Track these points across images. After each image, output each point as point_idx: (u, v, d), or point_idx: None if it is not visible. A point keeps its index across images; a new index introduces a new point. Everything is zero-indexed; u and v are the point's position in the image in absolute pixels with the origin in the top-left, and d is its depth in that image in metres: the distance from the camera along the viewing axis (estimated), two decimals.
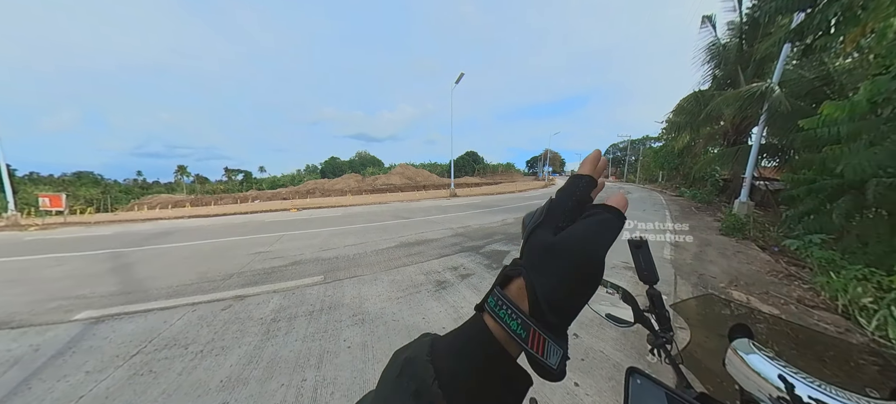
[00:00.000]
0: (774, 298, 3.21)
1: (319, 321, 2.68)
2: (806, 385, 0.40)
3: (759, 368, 0.45)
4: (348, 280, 3.76)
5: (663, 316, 0.67)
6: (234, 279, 3.88)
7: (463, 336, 0.23)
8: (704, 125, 12.97)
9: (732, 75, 11.24)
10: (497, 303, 0.22)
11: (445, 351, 0.22)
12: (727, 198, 11.24)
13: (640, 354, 2.08)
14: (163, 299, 3.27)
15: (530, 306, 0.21)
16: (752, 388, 0.45)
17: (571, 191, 0.26)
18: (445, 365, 0.21)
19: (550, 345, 0.21)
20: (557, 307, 0.21)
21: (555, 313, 0.21)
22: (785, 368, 0.43)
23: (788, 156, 9.22)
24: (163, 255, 5.42)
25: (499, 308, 0.22)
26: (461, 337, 0.23)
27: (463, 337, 0.23)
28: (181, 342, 2.38)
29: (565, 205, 0.25)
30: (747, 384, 0.46)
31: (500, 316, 0.22)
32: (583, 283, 0.22)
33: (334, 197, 22.93)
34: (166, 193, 50.88)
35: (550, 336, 0.21)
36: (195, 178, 76.19)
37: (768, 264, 4.39)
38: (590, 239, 0.22)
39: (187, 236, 7.48)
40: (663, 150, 22.70)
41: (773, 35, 9.05)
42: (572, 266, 0.21)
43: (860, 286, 2.92)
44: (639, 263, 0.69)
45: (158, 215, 13.53)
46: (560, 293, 0.21)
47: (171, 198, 24.76)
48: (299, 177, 71.79)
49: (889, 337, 2.29)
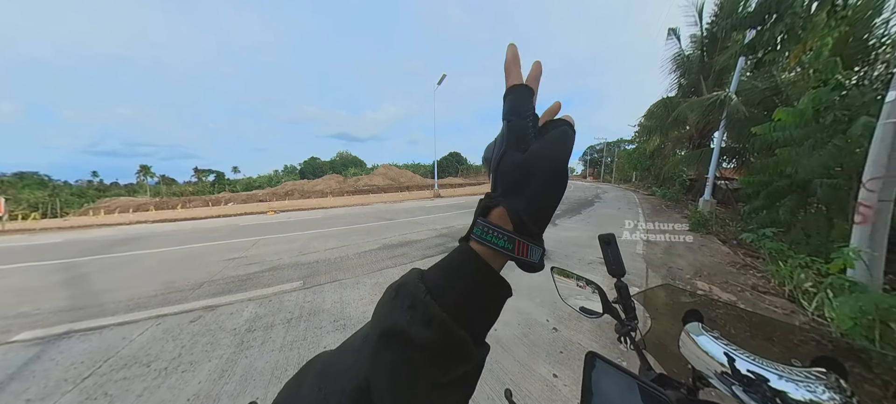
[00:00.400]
0: (732, 286, 3.51)
1: (298, 328, 2.59)
2: (744, 360, 0.45)
3: (707, 348, 0.50)
4: (329, 284, 3.65)
5: (629, 306, 0.72)
6: (204, 288, 3.65)
7: (451, 260, 0.26)
8: (672, 129, 13.88)
9: (696, 84, 12.12)
10: (483, 230, 0.25)
11: (434, 273, 0.25)
12: (693, 196, 12.06)
13: (614, 344, 2.19)
14: (122, 313, 3.00)
15: (514, 225, 0.25)
16: (701, 366, 0.50)
17: (523, 112, 0.27)
18: (435, 282, 0.24)
19: (532, 248, 0.25)
20: (536, 218, 0.25)
21: (535, 224, 0.25)
22: (728, 346, 0.48)
23: (745, 159, 10.07)
24: (122, 265, 5.00)
25: (486, 233, 0.25)
26: (449, 261, 0.26)
27: (451, 261, 0.26)
28: (142, 359, 2.19)
29: (523, 127, 0.27)
30: (698, 363, 0.51)
31: (488, 240, 0.25)
32: (554, 193, 0.25)
33: (314, 198, 22.20)
34: (127, 196, 46.97)
35: (532, 241, 0.25)
36: (160, 179, 70.84)
37: (728, 256, 4.76)
38: (556, 154, 0.25)
39: (151, 243, 6.95)
40: (636, 152, 24.02)
41: (730, 49, 9.89)
42: (545, 181, 0.25)
43: (803, 273, 3.24)
44: (608, 258, 0.73)
45: (118, 220, 12.45)
46: (537, 205, 0.25)
47: (132, 201, 22.76)
48: (277, 178, 68.86)
49: (826, 316, 2.56)
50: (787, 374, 0.41)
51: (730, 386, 0.45)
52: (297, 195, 26.09)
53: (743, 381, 0.44)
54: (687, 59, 12.81)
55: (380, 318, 0.24)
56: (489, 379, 1.89)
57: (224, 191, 53.67)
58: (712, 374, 0.48)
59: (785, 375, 0.41)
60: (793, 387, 0.40)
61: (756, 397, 0.42)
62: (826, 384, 0.39)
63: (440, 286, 0.24)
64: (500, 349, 2.21)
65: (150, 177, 69.84)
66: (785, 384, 0.40)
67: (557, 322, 2.58)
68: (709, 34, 11.29)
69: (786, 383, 0.40)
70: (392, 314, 0.24)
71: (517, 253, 0.24)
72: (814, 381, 0.40)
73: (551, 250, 5.12)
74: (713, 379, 0.48)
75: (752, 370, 0.43)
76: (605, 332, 2.33)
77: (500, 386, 1.81)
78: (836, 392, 0.38)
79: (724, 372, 0.46)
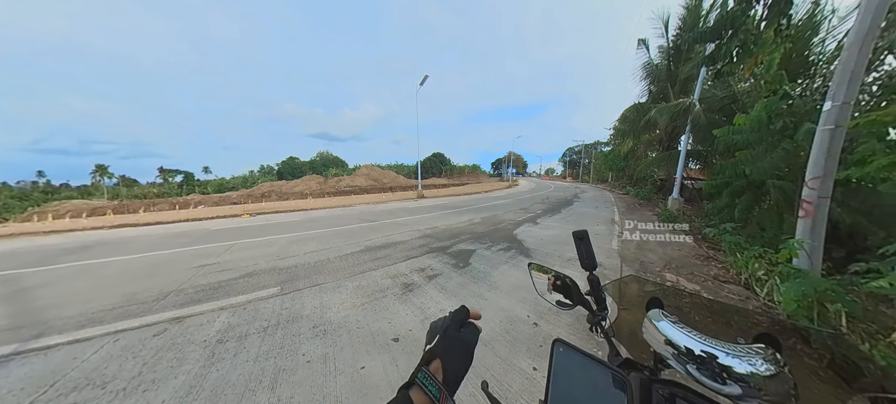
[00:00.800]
0: (697, 277, 3.81)
1: (275, 337, 2.48)
2: (697, 341, 0.49)
3: (666, 332, 0.53)
4: (308, 289, 3.53)
5: (600, 297, 0.76)
6: (170, 298, 3.40)
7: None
8: (644, 132, 14.70)
9: (664, 91, 12.93)
10: (425, 377, 0.38)
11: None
12: (663, 195, 12.83)
13: (589, 335, 2.29)
14: (71, 331, 2.69)
15: (443, 378, 0.39)
16: (661, 349, 0.54)
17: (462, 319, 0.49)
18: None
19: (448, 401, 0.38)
20: (456, 378, 0.40)
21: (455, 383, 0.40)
22: (684, 330, 0.52)
23: (708, 160, 10.86)
24: (73, 276, 4.53)
25: (426, 380, 0.38)
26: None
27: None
28: (96, 381, 1.98)
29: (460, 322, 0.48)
30: (658, 346, 0.54)
31: (426, 386, 0.37)
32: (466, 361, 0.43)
33: (294, 200, 21.35)
34: (80, 198, 42.81)
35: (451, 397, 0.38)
36: (120, 180, 65.12)
37: (694, 250, 5.12)
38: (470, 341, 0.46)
39: (109, 251, 6.38)
40: (611, 154, 25.18)
41: (693, 60, 10.66)
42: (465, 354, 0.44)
43: (757, 262, 3.57)
44: (581, 253, 0.77)
45: (69, 226, 11.33)
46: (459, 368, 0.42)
47: (86, 204, 20.63)
48: (253, 179, 65.50)
49: (775, 300, 2.85)
50: (733, 351, 0.45)
51: (685, 365, 0.49)
52: (275, 197, 24.98)
53: (696, 360, 0.47)
54: (656, 67, 13.63)
55: None
56: (470, 376, 1.91)
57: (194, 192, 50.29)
58: (670, 356, 0.51)
59: (731, 352, 0.45)
60: (737, 362, 0.44)
61: (707, 373, 0.46)
62: (764, 357, 0.44)
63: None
64: (482, 345, 2.23)
65: (108, 178, 63.92)
66: (731, 360, 0.44)
67: (538, 317, 2.65)
68: (674, 46, 12.09)
69: (732, 359, 0.45)
70: None
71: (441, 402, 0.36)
72: (754, 356, 0.44)
73: (532, 248, 5.25)
74: (671, 360, 0.52)
75: (704, 349, 0.47)
76: (583, 325, 2.42)
77: (480, 381, 1.84)
78: (772, 363, 0.43)
79: (680, 353, 0.50)
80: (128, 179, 66.29)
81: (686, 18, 10.81)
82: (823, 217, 2.85)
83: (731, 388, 0.43)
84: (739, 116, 4.88)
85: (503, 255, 4.72)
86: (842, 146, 2.81)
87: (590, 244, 0.77)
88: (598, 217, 9.29)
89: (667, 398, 0.48)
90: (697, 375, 0.47)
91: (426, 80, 18.39)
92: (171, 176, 68.77)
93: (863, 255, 3.10)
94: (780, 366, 0.42)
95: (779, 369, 0.42)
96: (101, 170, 63.42)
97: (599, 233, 6.75)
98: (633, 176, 18.40)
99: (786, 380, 0.42)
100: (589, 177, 44.65)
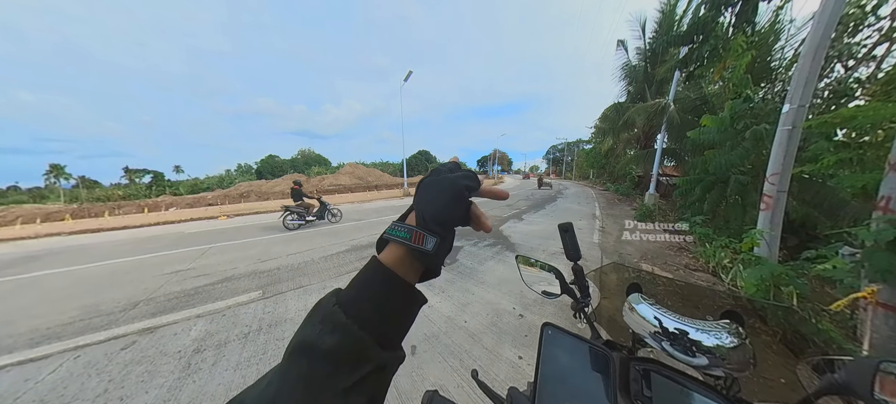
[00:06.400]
0: (670, 266, 4.08)
1: (257, 343, 2.38)
2: (670, 320, 0.53)
3: (644, 313, 0.57)
4: (292, 292, 3.42)
5: (583, 285, 0.79)
6: (140, 308, 3.16)
7: (361, 273, 0.30)
8: (623, 131, 15.34)
9: (641, 91, 13.54)
10: (392, 227, 0.32)
11: (347, 288, 0.29)
12: (641, 191, 13.47)
13: (572, 324, 2.37)
14: (23, 349, 2.43)
15: (417, 221, 0.32)
16: (639, 329, 0.57)
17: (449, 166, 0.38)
18: (346, 296, 0.28)
19: (428, 237, 0.30)
20: (435, 217, 0.31)
21: (435, 222, 0.31)
22: (659, 310, 0.56)
23: (681, 158, 11.50)
24: (23, 289, 4.10)
25: (393, 229, 0.32)
26: (359, 275, 0.30)
27: (360, 274, 0.30)
28: (54, 403, 1.82)
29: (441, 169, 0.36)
30: (636, 327, 0.58)
31: (393, 234, 0.31)
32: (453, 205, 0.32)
33: (274, 200, 20.58)
34: (31, 202, 39.12)
35: (428, 232, 0.30)
36: (79, 181, 60.09)
37: (667, 241, 5.42)
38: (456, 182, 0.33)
39: (68, 259, 5.88)
40: (593, 152, 26.13)
41: (668, 62, 11.22)
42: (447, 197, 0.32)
43: (722, 252, 3.88)
44: (566, 244, 0.80)
45: (19, 233, 10.34)
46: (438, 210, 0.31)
47: (39, 208, 18.71)
48: (229, 179, 62.38)
49: (738, 285, 3.12)
50: (702, 327, 0.50)
51: (660, 342, 0.53)
52: (255, 197, 23.94)
53: (669, 337, 0.51)
54: (634, 68, 14.23)
55: (292, 338, 0.26)
56: (459, 369, 1.94)
57: (164, 194, 47.26)
58: (647, 335, 0.55)
59: (701, 328, 0.49)
60: (705, 336, 0.48)
61: (679, 348, 0.50)
62: (729, 331, 0.48)
63: (350, 297, 0.27)
64: (470, 338, 2.27)
65: (65, 179, 58.84)
66: (700, 335, 0.49)
67: (524, 309, 2.72)
68: (651, 48, 12.67)
69: (701, 334, 0.49)
70: (303, 330, 0.26)
71: (414, 241, 0.30)
72: (720, 330, 0.48)
73: (518, 243, 5.36)
74: (647, 339, 0.55)
75: (677, 327, 0.51)
76: (566, 314, 2.52)
77: (469, 372, 1.87)
78: (736, 336, 0.47)
79: (655, 331, 0.53)
80: (88, 181, 61.33)
81: (662, 22, 11.35)
82: (781, 209, 3.10)
83: (699, 360, 0.47)
84: (706, 117, 5.24)
85: (489, 251, 4.79)
86: (798, 145, 3.07)
87: (574, 236, 0.80)
88: (580, 212, 9.61)
89: (642, 373, 0.52)
90: (671, 350, 0.51)
91: (410, 76, 18.24)
92: (138, 176, 64.07)
93: (812, 244, 3.42)
94: (742, 339, 0.47)
95: (741, 341, 0.47)
96: (57, 171, 58.22)
97: (581, 227, 6.99)
98: (613, 173, 19.15)
99: (746, 350, 0.46)
100: (571, 174, 45.97)
